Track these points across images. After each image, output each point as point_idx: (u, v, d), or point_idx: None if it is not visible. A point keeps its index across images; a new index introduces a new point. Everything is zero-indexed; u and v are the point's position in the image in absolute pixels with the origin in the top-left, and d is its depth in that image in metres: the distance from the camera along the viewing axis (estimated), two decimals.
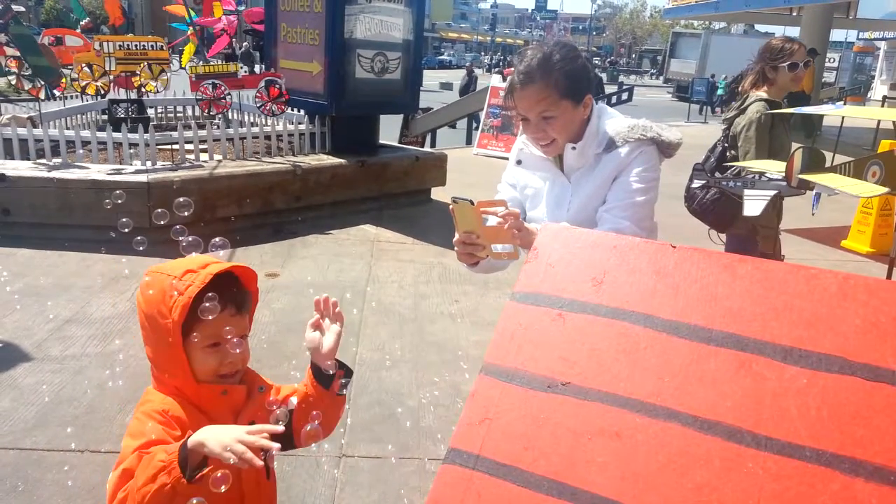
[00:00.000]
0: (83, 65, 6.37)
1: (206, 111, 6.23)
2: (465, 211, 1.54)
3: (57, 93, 6.09)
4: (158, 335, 1.26)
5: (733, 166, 3.21)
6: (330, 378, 1.39)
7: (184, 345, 1.26)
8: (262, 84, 6.26)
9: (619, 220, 1.68)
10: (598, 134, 1.75)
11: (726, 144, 3.38)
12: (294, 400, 1.35)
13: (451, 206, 1.57)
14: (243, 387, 1.35)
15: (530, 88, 1.69)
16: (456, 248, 1.64)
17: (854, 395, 0.66)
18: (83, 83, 6.30)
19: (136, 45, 7.10)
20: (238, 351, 1.29)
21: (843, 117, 3.21)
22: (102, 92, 6.73)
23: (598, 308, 0.81)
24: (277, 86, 6.25)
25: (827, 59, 21.97)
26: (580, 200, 1.77)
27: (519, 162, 1.90)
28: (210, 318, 1.23)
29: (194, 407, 1.27)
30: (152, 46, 7.24)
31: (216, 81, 6.14)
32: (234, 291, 1.31)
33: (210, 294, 1.23)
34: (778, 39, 3.36)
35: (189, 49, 8.19)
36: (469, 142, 12.80)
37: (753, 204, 2.59)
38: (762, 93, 3.31)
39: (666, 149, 1.77)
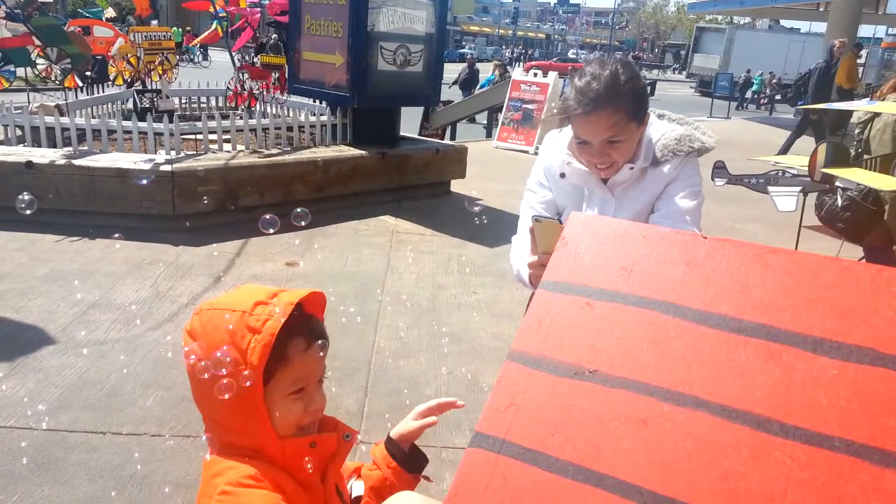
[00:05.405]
0: (127, 55, 6.57)
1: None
2: (550, 230, 1.42)
3: (88, 73, 6.23)
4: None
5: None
6: (416, 461, 1.28)
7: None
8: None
9: (681, 224, 1.66)
10: (645, 147, 1.73)
11: (860, 150, 3.28)
12: (360, 485, 1.23)
13: (530, 226, 1.48)
14: (334, 435, 1.13)
15: (598, 114, 1.57)
16: (531, 271, 1.56)
17: (885, 386, 0.65)
18: (129, 73, 6.54)
19: (155, 36, 7.26)
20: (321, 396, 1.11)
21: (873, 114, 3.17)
22: (131, 80, 6.89)
23: (628, 297, 0.82)
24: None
25: None
26: (630, 215, 1.73)
27: (563, 175, 1.81)
28: (321, 355, 1.05)
29: (278, 467, 1.04)
30: (163, 36, 7.39)
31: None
32: (312, 324, 1.09)
33: (304, 328, 1.05)
34: None
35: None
36: (489, 135, 12.78)
37: (783, 200, 2.56)
38: None
39: (702, 153, 1.78)
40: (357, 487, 1.25)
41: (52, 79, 6.13)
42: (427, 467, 1.33)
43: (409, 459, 1.28)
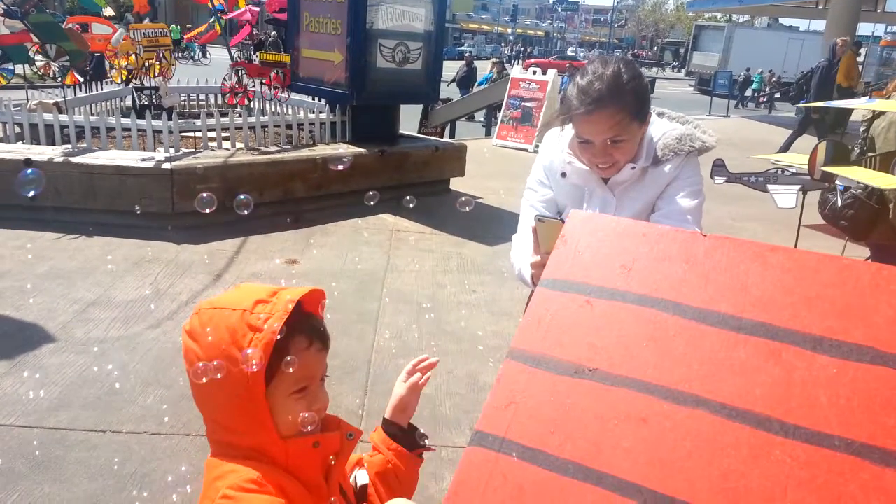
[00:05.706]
0: (128, 53, 6.60)
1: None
2: (552, 229, 1.40)
3: (86, 69, 6.25)
4: (227, 387, 0.98)
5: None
6: (412, 437, 1.28)
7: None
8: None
9: (682, 223, 1.66)
10: (646, 146, 1.72)
11: (864, 147, 3.26)
12: (364, 474, 1.23)
13: (533, 226, 1.48)
14: (337, 434, 1.11)
15: (601, 114, 1.57)
16: (533, 270, 1.56)
17: (885, 385, 0.65)
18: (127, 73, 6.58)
19: (153, 33, 7.28)
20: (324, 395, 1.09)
21: (873, 112, 3.17)
22: (129, 77, 6.91)
23: (627, 295, 0.82)
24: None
25: None
26: (630, 214, 1.72)
27: (564, 174, 1.80)
28: (322, 354, 1.05)
29: (280, 468, 1.02)
30: (160, 33, 7.41)
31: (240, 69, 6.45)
32: (313, 321, 1.09)
33: (305, 327, 1.04)
34: None
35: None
36: (488, 133, 12.77)
37: (783, 197, 2.56)
38: None
39: (703, 152, 1.77)
40: (361, 476, 1.24)
41: (51, 76, 6.12)
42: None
43: (408, 437, 1.30)
